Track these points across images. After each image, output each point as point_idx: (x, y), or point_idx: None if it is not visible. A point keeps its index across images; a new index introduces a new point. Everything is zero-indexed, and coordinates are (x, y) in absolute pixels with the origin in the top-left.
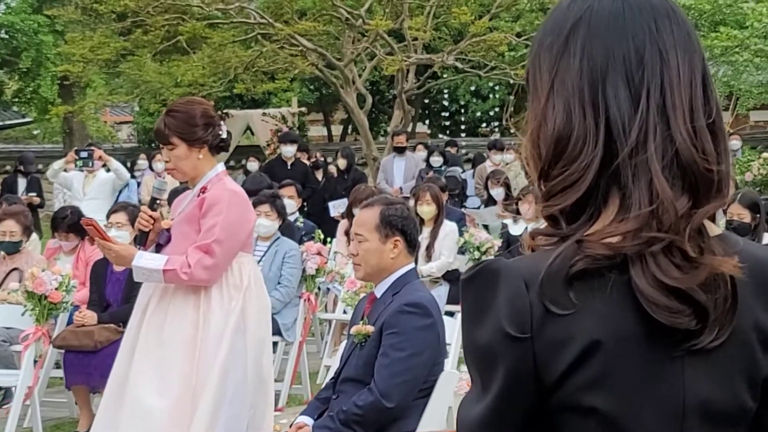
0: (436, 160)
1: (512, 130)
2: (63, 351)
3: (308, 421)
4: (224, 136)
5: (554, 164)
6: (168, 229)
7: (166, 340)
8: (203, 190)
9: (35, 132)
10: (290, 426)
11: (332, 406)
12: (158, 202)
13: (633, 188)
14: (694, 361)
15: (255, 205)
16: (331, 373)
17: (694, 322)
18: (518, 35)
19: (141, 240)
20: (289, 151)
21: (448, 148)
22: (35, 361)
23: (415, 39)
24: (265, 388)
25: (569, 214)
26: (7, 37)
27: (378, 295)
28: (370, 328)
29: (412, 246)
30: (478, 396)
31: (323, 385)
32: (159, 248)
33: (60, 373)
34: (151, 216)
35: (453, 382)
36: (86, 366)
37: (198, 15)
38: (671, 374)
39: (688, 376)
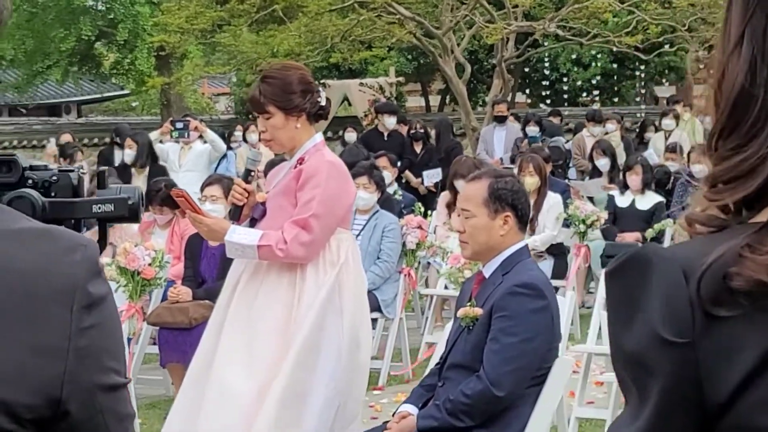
0: (533, 129)
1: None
2: (158, 328)
3: (412, 410)
4: (323, 103)
5: (727, 133)
6: (263, 203)
7: (256, 319)
8: (300, 161)
9: (134, 104)
10: (393, 414)
11: (438, 394)
12: (252, 174)
13: None
14: None
15: (353, 177)
16: (436, 357)
17: None
18: (620, 2)
19: (235, 214)
20: (390, 122)
21: (550, 118)
22: (129, 339)
23: (515, 6)
24: (361, 372)
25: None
26: (104, 8)
27: (486, 275)
28: (479, 311)
29: (523, 222)
30: (632, 414)
31: (428, 371)
32: (254, 223)
33: (156, 349)
34: (245, 189)
35: (568, 370)
36: (181, 344)
37: None
38: None
39: None
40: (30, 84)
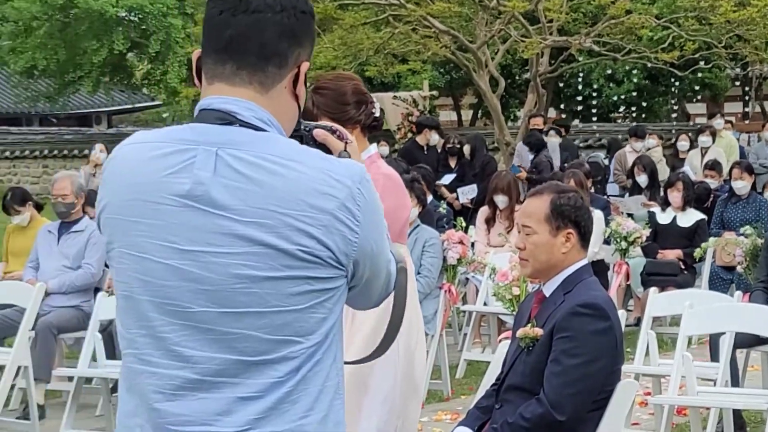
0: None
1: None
2: None
3: None
4: (377, 114)
5: None
6: None
7: None
8: None
9: (164, 115)
10: None
11: (495, 417)
12: None
13: None
14: None
15: None
16: (490, 376)
17: None
18: (657, 17)
19: None
20: (435, 138)
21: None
22: None
23: (550, 21)
24: (416, 394)
25: None
26: (137, 20)
27: (547, 294)
28: (539, 331)
29: (585, 239)
30: None
31: (482, 392)
32: None
33: None
34: None
35: (632, 393)
36: None
37: None
38: None
39: None
40: (61, 94)
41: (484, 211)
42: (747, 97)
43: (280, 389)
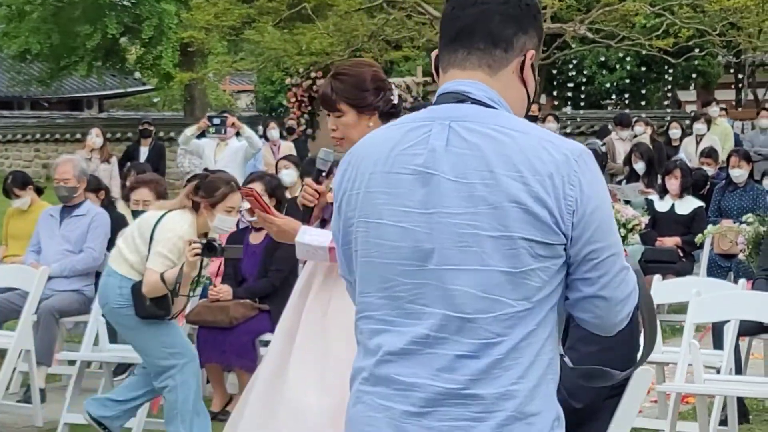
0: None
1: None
2: (196, 326)
3: None
4: (395, 101)
5: None
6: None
7: (330, 327)
8: None
9: (155, 100)
10: None
11: None
12: (323, 174)
13: None
14: None
15: None
16: None
17: None
18: (651, 5)
19: (305, 216)
20: None
21: None
22: None
23: (544, 7)
24: None
25: None
26: (130, 5)
27: None
28: None
29: None
30: None
31: None
32: (324, 224)
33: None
34: (315, 190)
35: (647, 380)
36: (221, 343)
37: None
38: None
39: None
40: (55, 78)
41: None
42: (740, 85)
43: (491, 351)
